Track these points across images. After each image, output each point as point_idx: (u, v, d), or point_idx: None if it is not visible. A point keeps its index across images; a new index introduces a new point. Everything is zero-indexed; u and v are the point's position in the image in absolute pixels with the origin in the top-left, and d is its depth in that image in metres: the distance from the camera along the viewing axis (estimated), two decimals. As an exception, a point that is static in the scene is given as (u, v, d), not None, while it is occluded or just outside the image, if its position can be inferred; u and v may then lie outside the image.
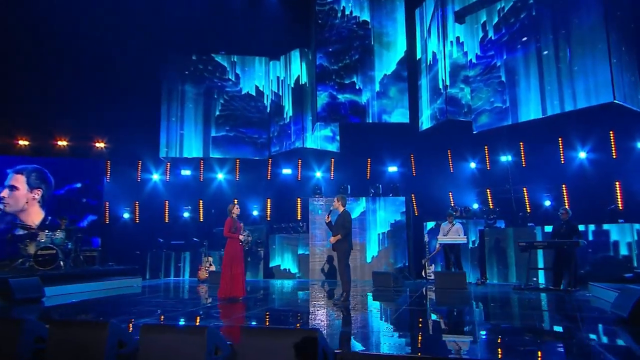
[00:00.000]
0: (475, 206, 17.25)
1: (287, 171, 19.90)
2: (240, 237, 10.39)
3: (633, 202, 15.12)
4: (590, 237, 13.62)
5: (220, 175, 19.81)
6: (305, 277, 16.70)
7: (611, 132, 15.89)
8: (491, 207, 17.25)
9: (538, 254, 13.95)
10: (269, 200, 19.52)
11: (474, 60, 16.20)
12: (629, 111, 13.83)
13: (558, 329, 7.89)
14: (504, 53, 15.52)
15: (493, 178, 17.63)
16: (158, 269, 17.42)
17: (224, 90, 19.04)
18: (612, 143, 15.92)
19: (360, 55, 17.44)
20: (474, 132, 16.16)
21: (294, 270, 17.19)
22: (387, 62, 17.55)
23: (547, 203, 16.77)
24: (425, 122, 17.36)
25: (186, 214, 19.37)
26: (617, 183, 15.64)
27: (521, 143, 17.32)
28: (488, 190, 17.78)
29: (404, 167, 19.28)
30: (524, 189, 17.19)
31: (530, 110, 14.92)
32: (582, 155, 16.34)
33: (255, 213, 19.22)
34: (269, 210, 19.43)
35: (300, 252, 17.09)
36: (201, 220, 19.45)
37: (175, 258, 17.54)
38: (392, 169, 19.34)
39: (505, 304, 10.44)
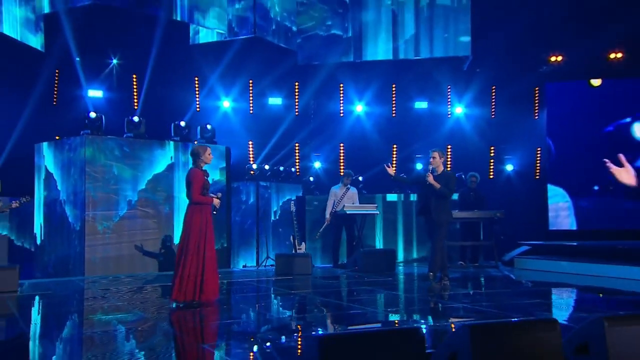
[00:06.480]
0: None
1: None
2: (215, 200, 7.17)
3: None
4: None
5: None
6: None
7: (393, 86, 15.28)
8: (252, 163, 14.15)
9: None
10: None
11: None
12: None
13: None
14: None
15: (262, 125, 14.51)
16: None
17: None
18: (393, 99, 15.36)
19: None
20: (300, 64, 12.90)
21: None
22: None
23: (317, 165, 14.91)
24: (204, 32, 12.59)
25: None
26: (394, 146, 15.24)
27: (296, 83, 14.75)
28: (250, 142, 14.45)
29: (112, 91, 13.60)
30: (296, 144, 14.78)
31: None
32: (359, 109, 15.17)
33: None
34: None
35: None
36: None
37: None
38: (95, 93, 13.35)
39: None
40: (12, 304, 7.57)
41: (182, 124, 11.53)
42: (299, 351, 4.77)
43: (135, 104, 13.63)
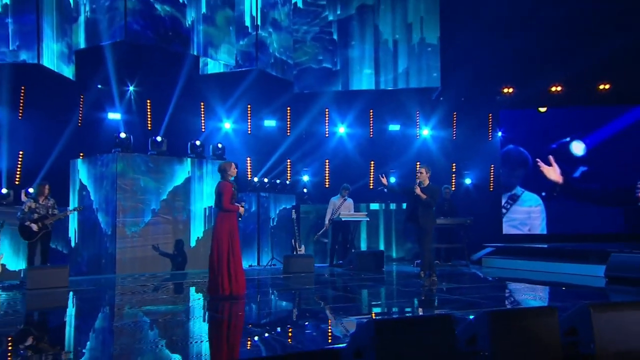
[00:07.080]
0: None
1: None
2: (240, 209, 7.72)
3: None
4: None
5: None
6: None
7: (371, 111, 15.97)
8: (250, 177, 14.68)
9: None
10: None
11: (299, 5, 13.32)
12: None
13: None
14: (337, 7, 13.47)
15: (259, 144, 15.08)
16: None
17: None
18: (371, 122, 16.05)
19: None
20: (296, 92, 13.50)
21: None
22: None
23: (306, 178, 15.52)
24: (212, 64, 13.12)
25: None
26: (371, 162, 15.93)
27: (288, 108, 15.35)
28: (248, 159, 14.97)
29: (129, 114, 14.02)
30: (288, 160, 15.34)
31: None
32: (342, 130, 15.84)
33: None
34: None
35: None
36: None
37: None
38: (114, 115, 13.72)
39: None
40: (71, 297, 8.01)
41: (197, 143, 12.03)
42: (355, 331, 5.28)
43: (149, 125, 14.02)
